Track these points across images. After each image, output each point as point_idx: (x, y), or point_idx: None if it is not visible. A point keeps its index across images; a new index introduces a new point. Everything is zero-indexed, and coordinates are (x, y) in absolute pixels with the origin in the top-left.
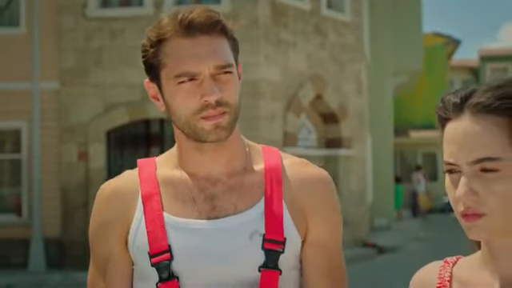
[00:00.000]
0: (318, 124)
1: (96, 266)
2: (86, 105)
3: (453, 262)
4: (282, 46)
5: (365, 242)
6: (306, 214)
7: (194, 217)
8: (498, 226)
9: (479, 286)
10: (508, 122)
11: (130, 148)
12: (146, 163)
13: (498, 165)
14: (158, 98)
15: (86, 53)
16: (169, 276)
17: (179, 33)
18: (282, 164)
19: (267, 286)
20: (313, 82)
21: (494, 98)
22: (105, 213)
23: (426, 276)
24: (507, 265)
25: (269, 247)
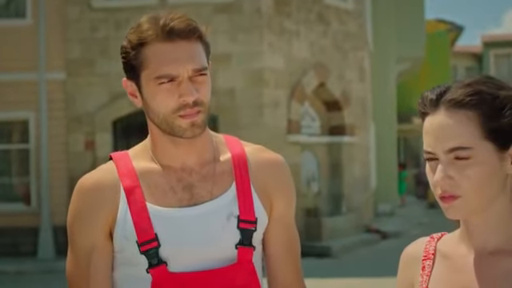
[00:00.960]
0: (321, 111)
1: (76, 255)
2: (92, 95)
3: (437, 238)
4: (286, 35)
5: (368, 228)
6: (270, 194)
7: (176, 205)
8: (471, 206)
9: (457, 257)
10: (477, 116)
11: (135, 137)
12: (120, 157)
13: (469, 153)
14: (136, 96)
15: (91, 43)
16: (158, 262)
17: (160, 37)
18: (245, 151)
19: (243, 261)
20: (316, 70)
21: (464, 94)
22: (87, 205)
23: (414, 250)
24: (480, 239)
25: (243, 227)
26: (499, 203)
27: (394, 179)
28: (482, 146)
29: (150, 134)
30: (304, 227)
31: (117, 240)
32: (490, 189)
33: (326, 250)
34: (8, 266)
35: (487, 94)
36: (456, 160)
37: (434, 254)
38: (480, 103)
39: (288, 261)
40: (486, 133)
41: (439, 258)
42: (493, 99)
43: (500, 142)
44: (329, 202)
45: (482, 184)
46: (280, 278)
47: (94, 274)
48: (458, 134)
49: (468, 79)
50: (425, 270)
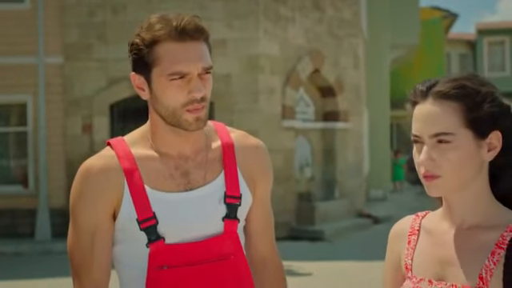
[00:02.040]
0: (315, 97)
1: (81, 235)
2: (89, 79)
3: (422, 216)
4: (281, 22)
5: (360, 213)
6: (254, 176)
7: (174, 190)
8: (450, 185)
9: (439, 232)
10: (459, 106)
11: (132, 121)
12: (117, 142)
13: (450, 138)
14: (144, 89)
15: (89, 28)
16: (156, 237)
17: (173, 37)
18: (231, 138)
19: (229, 231)
20: (311, 57)
21: (450, 87)
22: (93, 189)
23: (401, 226)
24: (458, 217)
25: (229, 202)
26: (476, 185)
27: (386, 165)
28: (462, 133)
29: (151, 124)
30: (297, 211)
31: (120, 220)
32: (466, 171)
33: (319, 234)
34: (6, 247)
35: (470, 88)
36: (439, 144)
37: (419, 229)
38: (463, 96)
39: (266, 235)
40: (466, 122)
41: (423, 234)
42: (475, 93)
43: (478, 131)
44: (322, 186)
45: (460, 166)
46: (259, 250)
47: (96, 251)
48: (443, 121)
49: (456, 75)
50: (410, 243)
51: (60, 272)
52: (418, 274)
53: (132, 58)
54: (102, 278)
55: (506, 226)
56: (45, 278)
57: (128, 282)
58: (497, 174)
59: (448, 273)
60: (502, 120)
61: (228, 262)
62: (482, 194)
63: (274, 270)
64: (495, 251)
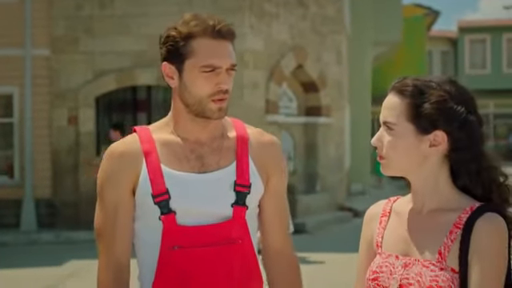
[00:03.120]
0: (298, 92)
1: (105, 211)
2: (76, 71)
3: (394, 200)
4: (266, 18)
5: (341, 206)
6: (267, 168)
7: (188, 171)
8: (394, 167)
9: (405, 214)
10: (406, 102)
11: (117, 113)
12: (141, 129)
13: (393, 127)
14: (173, 78)
15: (76, 21)
16: (168, 211)
17: (209, 34)
18: (247, 132)
19: (237, 217)
20: (294, 52)
21: (404, 85)
22: (116, 169)
23: (374, 210)
24: (420, 201)
25: (239, 189)
26: (428, 173)
27: (367, 160)
28: (404, 125)
29: (174, 112)
30: None
31: (138, 195)
32: (406, 158)
33: (301, 227)
34: None
35: (419, 89)
36: (386, 130)
37: (390, 212)
38: (410, 95)
39: (280, 227)
40: (409, 116)
41: (393, 215)
42: (420, 94)
43: (419, 127)
44: (304, 180)
45: (398, 152)
46: (273, 241)
47: (118, 225)
48: (390, 112)
49: (419, 76)
50: (381, 224)
51: (45, 262)
52: (386, 251)
53: (166, 48)
54: (124, 251)
55: (463, 209)
56: (30, 268)
57: (143, 259)
58: (455, 169)
59: (412, 249)
60: (444, 123)
61: (235, 246)
62: (442, 183)
63: (288, 262)
64: (453, 230)
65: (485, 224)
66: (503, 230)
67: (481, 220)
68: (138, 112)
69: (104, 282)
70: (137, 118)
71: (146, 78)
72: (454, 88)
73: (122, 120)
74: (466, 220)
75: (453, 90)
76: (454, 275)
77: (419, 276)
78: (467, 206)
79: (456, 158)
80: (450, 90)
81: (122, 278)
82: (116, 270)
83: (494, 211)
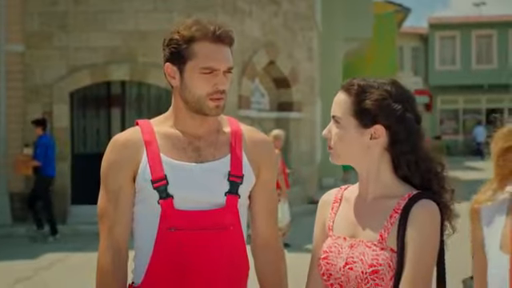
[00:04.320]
0: (270, 88)
1: (108, 195)
2: (50, 67)
3: (344, 188)
4: (238, 15)
5: (313, 199)
6: (259, 163)
7: (186, 161)
8: (340, 156)
9: (353, 201)
10: (349, 99)
11: (92, 108)
12: (143, 122)
13: (339, 120)
14: (175, 77)
15: (50, 17)
16: (166, 195)
17: (209, 39)
18: (241, 129)
19: (230, 205)
20: (267, 49)
21: (349, 84)
22: (118, 157)
23: (327, 197)
24: (364, 188)
25: (232, 179)
26: (371, 163)
27: None
28: (347, 119)
29: (174, 108)
30: None
31: (138, 181)
32: (350, 148)
33: None
34: None
35: (361, 88)
36: (335, 123)
37: (341, 199)
38: (355, 93)
39: (269, 219)
40: (352, 112)
41: (344, 202)
42: (362, 93)
43: (361, 122)
44: None
45: (343, 143)
46: (262, 233)
47: (119, 209)
48: (337, 107)
49: (366, 78)
50: (333, 209)
51: (20, 255)
52: (336, 233)
53: (169, 50)
54: (123, 235)
55: (401, 197)
56: (5, 261)
57: (141, 241)
58: (395, 160)
59: (358, 231)
60: (383, 118)
61: (227, 232)
62: (383, 173)
63: (275, 252)
64: (392, 215)
65: (419, 209)
66: (436, 215)
67: (416, 206)
68: (112, 107)
69: (104, 262)
70: (111, 113)
71: (120, 74)
72: (394, 88)
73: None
74: (404, 206)
75: (393, 90)
76: (392, 254)
77: (362, 255)
78: (405, 194)
79: (395, 150)
80: (390, 90)
81: (120, 258)
82: (115, 250)
83: (429, 198)
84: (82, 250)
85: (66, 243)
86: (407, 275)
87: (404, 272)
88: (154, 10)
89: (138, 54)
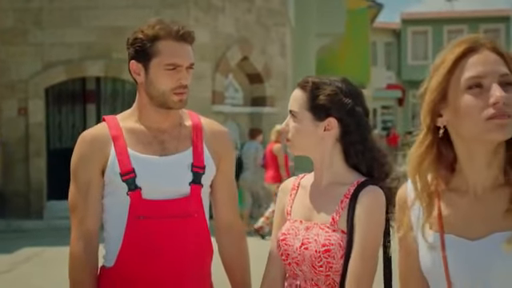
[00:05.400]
0: (244, 83)
1: (78, 188)
2: (25, 63)
3: (301, 177)
4: (212, 11)
5: None
6: (219, 153)
7: (151, 154)
8: (297, 147)
9: (309, 187)
10: (305, 95)
11: (67, 104)
12: (110, 118)
13: (296, 115)
14: (140, 74)
15: (25, 13)
16: (135, 187)
17: (172, 37)
18: (201, 122)
19: (194, 194)
20: (240, 45)
21: (305, 81)
22: (87, 151)
23: (286, 185)
24: (318, 176)
25: (196, 170)
26: (325, 153)
27: None
28: (304, 113)
29: (138, 104)
30: None
31: (107, 174)
32: (306, 140)
33: None
34: None
35: (315, 85)
36: (292, 117)
37: (298, 186)
38: (309, 89)
39: (230, 204)
40: (308, 106)
41: (300, 189)
42: (316, 89)
43: (315, 115)
44: None
45: (299, 135)
46: (225, 217)
47: (89, 201)
48: (295, 103)
49: (319, 76)
50: (291, 196)
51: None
52: (294, 217)
53: (134, 49)
54: (94, 224)
55: (351, 183)
56: None
57: (112, 230)
58: (346, 150)
59: (313, 215)
60: (335, 111)
61: (191, 219)
62: (335, 162)
63: (237, 234)
64: (343, 200)
65: (366, 195)
66: (381, 199)
67: (363, 192)
68: (87, 103)
69: (76, 251)
70: (86, 109)
71: (94, 70)
72: (345, 85)
73: (71, 111)
74: (353, 192)
75: (343, 86)
76: (343, 235)
77: (316, 236)
78: (354, 181)
79: (346, 141)
80: (341, 86)
81: (92, 246)
82: (87, 239)
83: (375, 185)
84: (58, 244)
85: (43, 238)
86: (356, 252)
87: (353, 250)
88: (129, 7)
89: (112, 50)
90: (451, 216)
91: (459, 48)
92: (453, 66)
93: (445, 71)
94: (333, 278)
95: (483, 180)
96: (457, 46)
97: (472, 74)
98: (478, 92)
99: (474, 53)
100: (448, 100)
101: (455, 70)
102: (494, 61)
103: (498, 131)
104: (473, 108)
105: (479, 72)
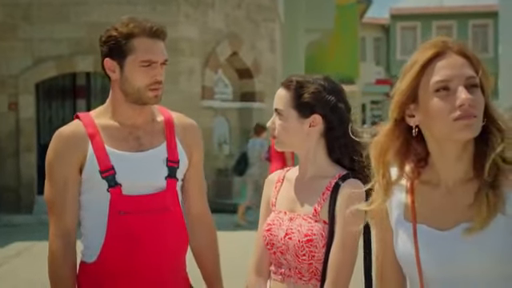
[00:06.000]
0: (233, 79)
1: (56, 186)
2: (15, 58)
3: (286, 170)
4: (201, 7)
5: None
6: (191, 146)
7: (128, 150)
8: (284, 143)
9: (294, 180)
10: (290, 94)
11: (57, 99)
12: (84, 115)
13: (282, 113)
14: (115, 71)
15: (15, 8)
16: (115, 184)
17: (147, 34)
18: (172, 117)
19: (170, 188)
20: (229, 40)
21: (289, 80)
22: (65, 148)
23: (272, 177)
24: (303, 169)
25: (170, 165)
26: (309, 147)
27: None
28: (289, 111)
29: (112, 100)
30: (216, 186)
31: (86, 172)
32: (293, 136)
33: (236, 207)
34: None
35: (299, 84)
36: (278, 115)
37: (283, 179)
38: (294, 88)
39: (201, 195)
40: (293, 104)
41: (285, 182)
42: (300, 87)
43: (301, 112)
44: None
45: (286, 132)
46: (196, 207)
47: (68, 198)
48: (280, 101)
49: (302, 75)
50: (276, 188)
51: None
52: (278, 208)
53: (108, 47)
54: (72, 221)
55: (333, 176)
56: None
57: (92, 226)
58: (330, 145)
59: (297, 206)
60: (320, 108)
61: (168, 213)
62: (319, 156)
63: (207, 224)
64: (325, 192)
65: (346, 187)
66: (361, 192)
67: (344, 184)
68: (77, 98)
69: (55, 248)
70: (76, 104)
71: (84, 65)
72: (327, 83)
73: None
74: (334, 184)
75: (326, 84)
76: (324, 226)
77: (299, 227)
78: (336, 174)
79: (330, 136)
80: (324, 84)
81: (70, 242)
82: (65, 236)
83: (355, 177)
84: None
85: (33, 232)
86: (337, 242)
87: (334, 240)
88: (118, 3)
89: None
90: (424, 207)
91: (428, 52)
92: (421, 70)
93: (414, 75)
94: (315, 266)
95: (453, 174)
96: (426, 50)
97: (439, 78)
98: (446, 95)
99: (441, 57)
100: (419, 102)
101: (424, 73)
102: (460, 64)
103: (465, 131)
104: (441, 110)
105: (446, 76)
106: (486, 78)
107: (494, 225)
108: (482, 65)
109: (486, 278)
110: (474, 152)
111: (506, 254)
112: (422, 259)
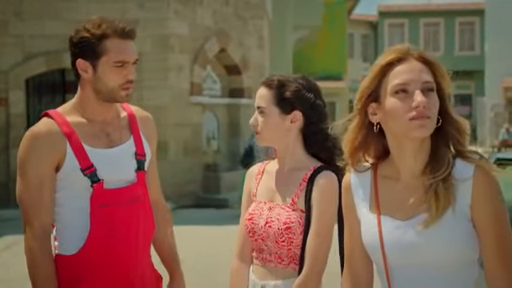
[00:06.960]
0: (222, 75)
1: (28, 183)
2: (5, 54)
3: (266, 163)
4: (190, 3)
5: None
6: (149, 137)
7: (102, 147)
8: (266, 139)
9: (273, 172)
10: (272, 92)
11: (47, 95)
12: (55, 113)
13: (265, 110)
14: (87, 71)
15: (5, 4)
16: (97, 179)
17: (118, 35)
18: (133, 111)
19: (140, 180)
20: (218, 37)
21: (271, 80)
22: (40, 147)
23: (253, 170)
24: (282, 162)
25: (139, 158)
26: (289, 142)
27: None
28: (271, 108)
29: (82, 98)
30: (204, 181)
31: (64, 170)
32: (274, 132)
33: (224, 202)
34: None
35: (280, 82)
36: (260, 113)
37: (263, 171)
38: (275, 86)
39: (156, 183)
40: (275, 102)
41: (265, 174)
42: (282, 86)
43: (282, 110)
44: (227, 158)
45: (267, 128)
46: (152, 194)
47: (44, 197)
48: (262, 99)
49: (282, 74)
50: (257, 180)
51: None
52: (259, 198)
53: (80, 48)
54: (48, 219)
55: (309, 168)
56: None
57: (71, 221)
58: (308, 139)
59: (276, 197)
60: (300, 105)
61: (140, 203)
62: (297, 150)
63: (163, 210)
64: (301, 183)
65: (321, 178)
66: (334, 182)
67: (319, 176)
68: (66, 93)
69: (33, 245)
70: (66, 99)
71: None
72: (305, 81)
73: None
74: (310, 176)
75: (305, 83)
76: (301, 214)
77: (278, 215)
78: (312, 166)
79: (308, 131)
80: (303, 83)
81: (46, 242)
82: (42, 235)
83: (329, 170)
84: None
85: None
86: (313, 229)
87: (310, 227)
88: (109, 0)
89: None
90: (386, 200)
91: (389, 57)
92: (380, 72)
93: (373, 75)
94: (294, 251)
95: (411, 169)
96: (389, 54)
97: (399, 81)
98: (404, 97)
99: (402, 62)
100: (380, 102)
101: (383, 76)
102: (418, 70)
103: (420, 130)
104: (399, 110)
105: (405, 79)
106: (444, 82)
107: (447, 215)
108: (441, 69)
109: (446, 264)
110: (430, 149)
111: (460, 242)
112: (386, 247)
